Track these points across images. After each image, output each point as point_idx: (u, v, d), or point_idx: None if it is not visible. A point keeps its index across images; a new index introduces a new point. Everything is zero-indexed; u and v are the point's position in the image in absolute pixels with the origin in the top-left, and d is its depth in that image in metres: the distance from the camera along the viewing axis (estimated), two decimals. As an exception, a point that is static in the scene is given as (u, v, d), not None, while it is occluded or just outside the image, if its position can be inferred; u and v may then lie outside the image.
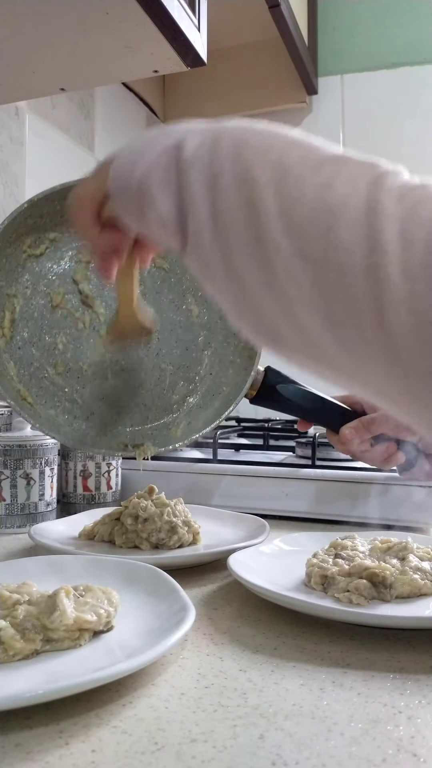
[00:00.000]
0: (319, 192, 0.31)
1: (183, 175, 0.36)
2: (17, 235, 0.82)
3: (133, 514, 0.68)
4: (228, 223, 0.34)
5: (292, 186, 0.32)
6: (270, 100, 1.58)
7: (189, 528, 0.68)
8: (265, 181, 0.33)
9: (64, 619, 0.41)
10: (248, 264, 0.33)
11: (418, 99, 1.54)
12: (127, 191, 0.40)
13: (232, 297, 0.35)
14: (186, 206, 0.36)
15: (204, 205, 0.35)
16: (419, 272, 0.27)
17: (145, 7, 0.72)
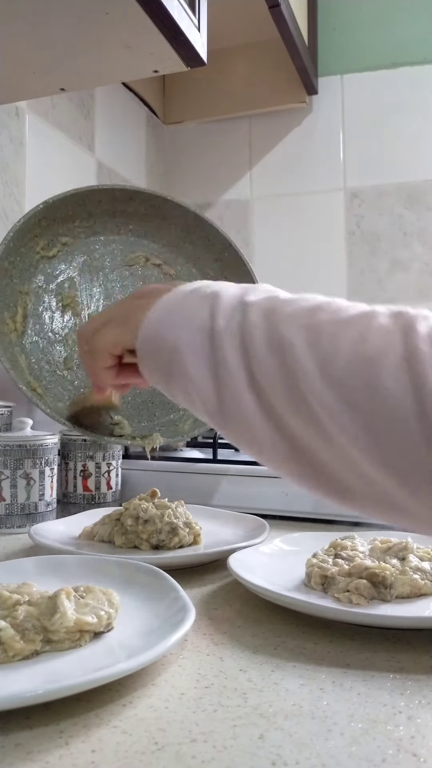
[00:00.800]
0: (354, 346, 0.32)
1: (217, 343, 0.37)
2: (32, 235, 0.83)
3: (133, 515, 0.68)
4: (267, 384, 0.35)
5: (326, 344, 0.33)
6: (270, 100, 1.58)
7: (190, 530, 0.68)
8: (299, 342, 0.34)
9: (64, 621, 0.41)
10: (296, 421, 0.34)
11: (418, 99, 1.54)
12: (157, 353, 0.41)
13: (285, 454, 0.36)
14: (220, 373, 0.37)
15: (240, 372, 0.36)
16: None
17: (145, 7, 0.72)
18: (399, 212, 1.53)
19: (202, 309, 0.39)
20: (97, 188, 0.88)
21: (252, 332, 0.36)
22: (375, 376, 0.31)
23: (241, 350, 0.36)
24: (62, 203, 0.84)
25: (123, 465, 0.92)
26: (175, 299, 0.42)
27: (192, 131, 1.68)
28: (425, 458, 0.30)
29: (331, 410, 0.32)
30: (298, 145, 1.62)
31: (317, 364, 0.33)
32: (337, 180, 1.58)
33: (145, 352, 0.43)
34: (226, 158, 1.65)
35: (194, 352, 0.39)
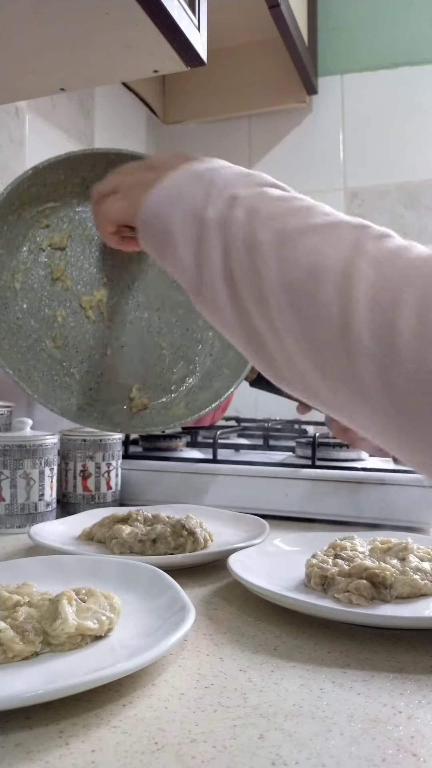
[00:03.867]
0: (310, 255, 0.36)
1: (204, 234, 0.42)
2: (20, 203, 0.80)
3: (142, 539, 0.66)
4: (238, 279, 0.39)
5: (289, 249, 0.37)
6: (270, 100, 1.58)
7: (199, 533, 0.67)
8: (267, 244, 0.38)
9: (66, 627, 0.41)
10: (255, 314, 0.39)
11: (418, 99, 1.54)
12: (153, 229, 0.46)
13: (243, 338, 0.41)
14: (203, 260, 0.42)
15: (218, 263, 0.41)
16: (382, 331, 0.32)
17: (145, 7, 0.72)
18: (399, 212, 1.53)
19: (196, 195, 0.43)
20: (92, 152, 0.84)
21: (233, 228, 0.40)
22: (317, 285, 0.35)
23: (223, 244, 0.41)
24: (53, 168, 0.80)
25: (123, 465, 0.92)
26: (177, 182, 0.45)
27: (192, 131, 1.68)
28: (345, 365, 0.33)
29: (281, 308, 0.37)
30: (298, 145, 1.62)
31: (278, 267, 0.37)
32: (337, 180, 1.58)
33: (143, 228, 0.47)
34: (226, 158, 1.63)
35: (183, 236, 0.43)
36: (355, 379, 0.33)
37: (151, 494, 0.92)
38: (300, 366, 0.37)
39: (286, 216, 0.39)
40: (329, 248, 0.36)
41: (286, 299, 0.36)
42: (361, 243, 0.35)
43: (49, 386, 0.82)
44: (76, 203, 0.87)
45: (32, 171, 0.79)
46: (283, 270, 0.37)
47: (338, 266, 0.35)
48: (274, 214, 0.40)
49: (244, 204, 0.41)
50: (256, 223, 0.40)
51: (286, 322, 0.36)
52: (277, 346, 0.38)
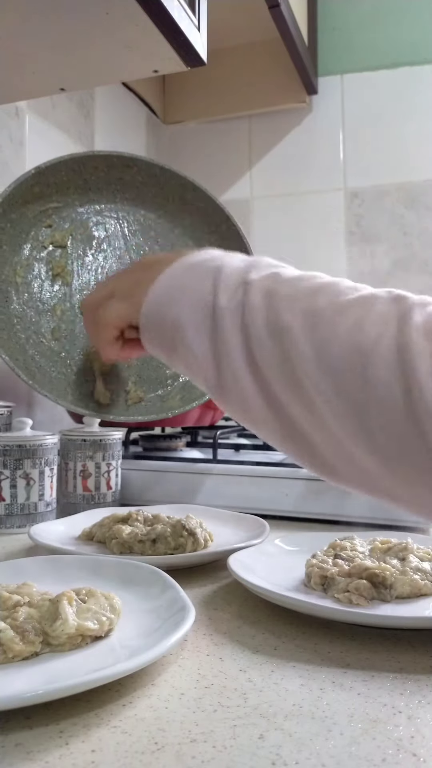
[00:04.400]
0: (350, 333, 0.33)
1: (219, 322, 0.38)
2: (23, 201, 0.81)
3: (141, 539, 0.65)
4: (265, 366, 0.36)
5: (324, 330, 0.34)
6: (270, 100, 1.58)
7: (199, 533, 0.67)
8: (297, 326, 0.35)
9: (66, 628, 0.41)
10: (292, 404, 0.35)
11: (418, 99, 1.54)
12: (160, 328, 0.42)
13: (280, 433, 0.37)
14: (221, 352, 0.38)
15: (239, 352, 0.37)
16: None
17: (145, 7, 0.72)
18: (399, 212, 1.53)
19: (204, 285, 0.40)
20: (94, 154, 0.85)
21: (252, 313, 0.37)
22: (367, 365, 0.32)
23: (242, 330, 0.37)
24: (56, 169, 0.81)
25: (123, 465, 0.92)
26: (178, 273, 0.42)
27: (192, 131, 1.68)
28: (411, 446, 0.30)
29: (326, 397, 0.33)
30: (298, 144, 1.62)
31: (314, 350, 0.34)
32: (337, 180, 1.58)
33: (149, 327, 0.44)
34: (226, 158, 1.65)
35: (196, 328, 0.39)
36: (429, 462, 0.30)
37: (151, 494, 0.92)
38: (358, 455, 0.33)
39: (310, 295, 0.36)
40: (369, 325, 0.33)
41: (330, 384, 0.33)
42: (405, 315, 0.33)
43: (46, 377, 0.83)
44: (78, 204, 0.88)
45: (35, 171, 0.79)
46: (322, 353, 0.34)
47: (387, 342, 0.32)
48: (296, 294, 0.37)
49: (260, 287, 0.38)
50: (277, 306, 0.36)
51: (333, 407, 0.33)
52: (323, 435, 0.34)
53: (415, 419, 0.30)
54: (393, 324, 0.32)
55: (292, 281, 0.38)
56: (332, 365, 0.33)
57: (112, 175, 0.89)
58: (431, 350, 0.31)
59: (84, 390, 0.86)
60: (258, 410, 0.37)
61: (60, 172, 0.83)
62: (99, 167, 0.85)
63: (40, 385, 0.78)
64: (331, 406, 0.33)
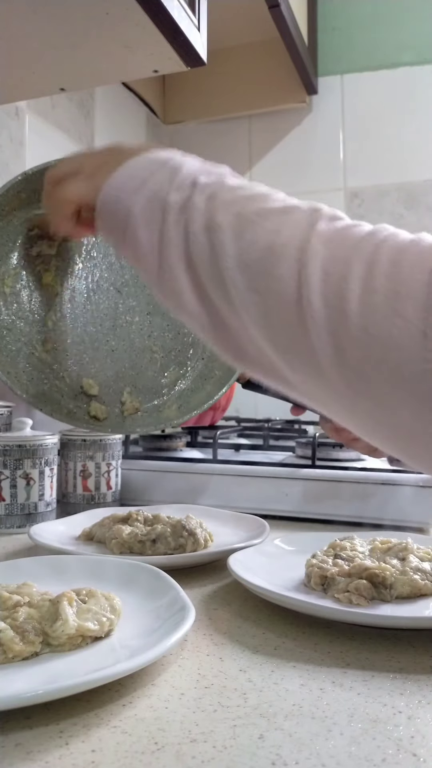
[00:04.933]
0: (268, 237, 0.38)
1: (166, 218, 0.42)
2: (9, 208, 0.79)
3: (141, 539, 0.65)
4: (198, 261, 0.40)
5: (248, 232, 0.39)
6: (270, 100, 1.58)
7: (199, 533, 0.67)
8: (227, 227, 0.39)
9: (66, 629, 0.41)
10: (214, 295, 0.40)
11: (418, 99, 1.54)
12: (114, 215, 0.45)
13: (204, 320, 0.42)
14: (164, 244, 0.42)
15: (180, 246, 0.41)
16: (332, 300, 0.34)
17: (145, 7, 0.72)
18: (399, 212, 1.53)
19: (161, 181, 0.44)
20: None
21: (194, 212, 0.41)
22: (274, 263, 0.36)
23: (183, 228, 0.41)
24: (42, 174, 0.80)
25: (123, 465, 0.92)
26: (141, 165, 0.46)
27: (192, 131, 1.68)
28: (297, 335, 0.35)
29: (239, 289, 0.38)
30: (298, 144, 1.62)
31: (237, 249, 0.38)
32: (337, 180, 1.58)
33: (104, 211, 0.46)
34: (226, 158, 1.64)
35: (146, 221, 0.43)
36: (310, 350, 0.35)
37: (151, 494, 0.92)
38: (260, 344, 0.38)
39: (245, 201, 0.41)
40: (285, 229, 0.38)
41: (244, 279, 0.38)
42: (314, 224, 0.37)
43: (39, 389, 0.83)
44: None
45: (22, 177, 0.78)
46: (242, 251, 0.38)
47: (294, 244, 0.36)
48: (233, 199, 0.41)
49: (205, 190, 0.42)
50: (215, 208, 0.41)
51: (245, 300, 0.38)
52: (238, 326, 0.39)
53: (301, 311, 0.35)
54: (301, 229, 0.37)
55: (234, 189, 0.42)
56: (248, 263, 0.38)
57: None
58: (325, 254, 0.35)
59: (79, 402, 0.85)
60: (189, 302, 0.41)
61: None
62: None
63: (35, 400, 0.77)
64: (242, 299, 0.38)
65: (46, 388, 0.83)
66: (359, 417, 0.35)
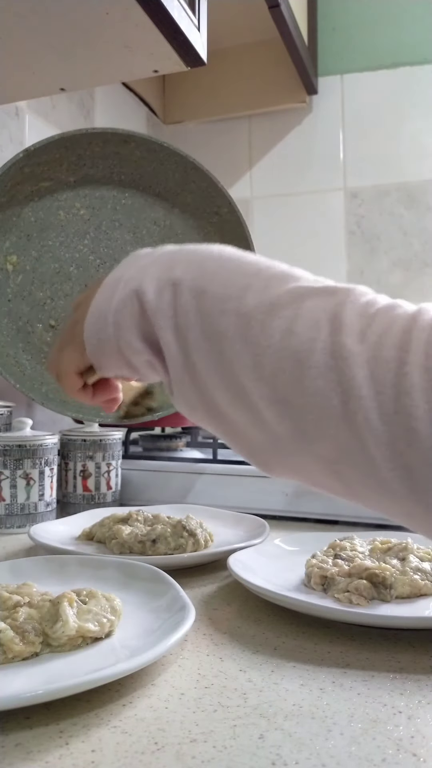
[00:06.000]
0: (282, 338, 0.32)
1: (155, 327, 0.37)
2: (12, 183, 0.78)
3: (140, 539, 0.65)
4: (207, 377, 0.35)
5: (258, 335, 0.33)
6: (270, 100, 1.58)
7: (199, 534, 0.67)
8: (232, 333, 0.34)
9: (66, 630, 0.41)
10: (234, 410, 0.35)
11: (418, 99, 1.54)
12: (107, 352, 0.41)
13: (222, 434, 0.37)
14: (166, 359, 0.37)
15: (180, 361, 0.36)
16: (395, 418, 0.29)
17: (144, 7, 0.72)
18: (399, 212, 1.53)
19: (126, 289, 0.39)
20: (86, 131, 0.81)
21: (185, 316, 0.36)
22: (303, 373, 0.31)
23: (176, 333, 0.36)
24: (45, 149, 0.77)
25: (123, 465, 0.92)
26: (103, 297, 0.41)
27: (192, 131, 1.68)
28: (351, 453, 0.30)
29: (267, 403, 0.33)
30: (298, 144, 1.62)
31: (250, 356, 0.33)
32: (337, 180, 1.58)
33: (96, 354, 0.42)
34: (226, 158, 1.65)
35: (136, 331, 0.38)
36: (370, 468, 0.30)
37: (151, 494, 0.92)
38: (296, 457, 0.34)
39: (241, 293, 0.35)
40: (304, 328, 0.32)
41: (269, 391, 0.32)
42: (337, 315, 0.32)
43: (37, 369, 0.81)
44: (73, 181, 0.85)
45: (24, 154, 0.77)
46: (258, 360, 0.33)
47: (322, 347, 0.31)
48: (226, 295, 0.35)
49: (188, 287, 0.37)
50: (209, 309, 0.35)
51: (274, 412, 0.33)
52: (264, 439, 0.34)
53: (354, 428, 0.30)
54: (325, 327, 0.31)
55: (218, 274, 0.36)
56: (270, 374, 0.32)
57: (108, 150, 0.84)
58: (366, 356, 0.30)
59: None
60: (202, 413, 0.37)
61: (52, 151, 0.79)
62: (94, 143, 0.82)
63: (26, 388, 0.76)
64: (272, 412, 0.33)
65: (44, 368, 0.82)
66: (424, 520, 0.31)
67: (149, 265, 0.39)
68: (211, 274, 0.37)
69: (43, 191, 0.83)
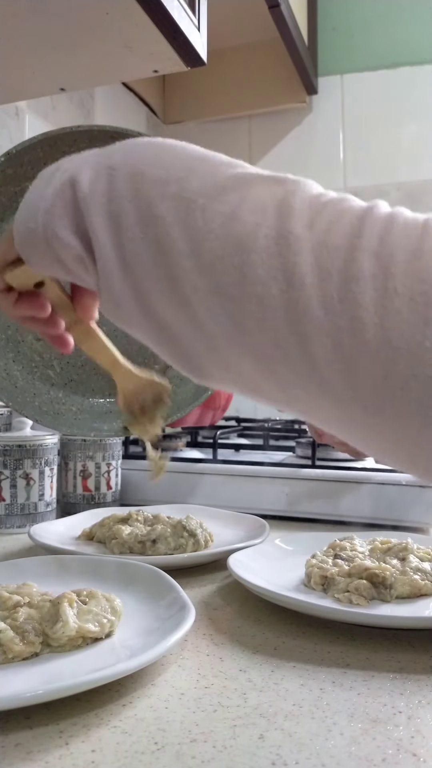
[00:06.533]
0: (225, 224, 0.30)
1: (85, 215, 0.34)
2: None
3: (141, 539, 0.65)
4: (138, 265, 0.32)
5: (199, 219, 0.31)
6: (270, 100, 1.58)
7: (199, 534, 0.66)
8: (170, 218, 0.31)
9: (66, 630, 0.41)
10: (165, 304, 0.32)
11: (418, 99, 1.54)
12: (35, 243, 0.37)
13: (152, 336, 0.34)
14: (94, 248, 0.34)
15: (110, 249, 0.33)
16: (340, 306, 0.27)
17: (145, 7, 0.72)
18: (399, 212, 1.53)
19: (62, 177, 0.36)
20: (72, 129, 0.78)
21: (119, 202, 0.33)
22: (245, 260, 0.29)
23: (108, 221, 0.33)
24: (28, 150, 0.75)
25: (123, 465, 0.92)
26: (37, 187, 0.37)
27: (192, 131, 1.68)
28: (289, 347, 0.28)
29: (202, 295, 0.30)
30: (298, 145, 1.62)
31: (188, 243, 0.30)
32: (337, 180, 1.58)
33: (24, 244, 0.38)
34: (226, 158, 1.65)
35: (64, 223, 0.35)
36: (308, 365, 0.28)
37: (151, 494, 0.92)
38: (230, 357, 0.31)
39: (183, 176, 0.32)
40: (248, 213, 0.30)
41: (207, 281, 0.30)
42: (285, 200, 0.29)
43: (29, 379, 0.82)
44: None
45: (5, 157, 0.76)
46: (197, 248, 0.30)
47: (266, 233, 0.29)
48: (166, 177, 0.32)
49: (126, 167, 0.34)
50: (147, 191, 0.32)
51: (209, 307, 0.30)
52: (195, 335, 0.32)
53: (295, 320, 0.28)
54: (272, 213, 0.29)
55: (161, 159, 0.34)
56: (208, 262, 0.30)
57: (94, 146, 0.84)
58: (313, 242, 0.28)
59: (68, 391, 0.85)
60: (131, 315, 0.34)
61: (35, 150, 0.79)
62: (78, 140, 0.81)
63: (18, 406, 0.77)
64: (208, 306, 0.30)
65: (36, 377, 0.82)
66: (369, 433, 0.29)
67: (89, 155, 0.36)
68: (152, 157, 0.34)
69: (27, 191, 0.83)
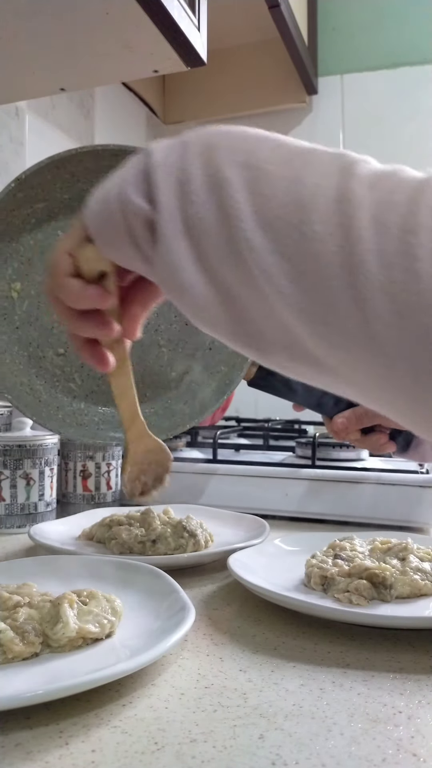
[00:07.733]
0: (290, 186, 0.31)
1: (151, 176, 0.34)
2: (8, 210, 0.79)
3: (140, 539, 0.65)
4: (200, 226, 0.32)
5: (264, 184, 0.31)
6: (270, 100, 1.58)
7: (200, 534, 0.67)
8: (237, 181, 0.32)
9: (67, 631, 0.41)
10: (225, 266, 0.32)
11: (418, 99, 1.54)
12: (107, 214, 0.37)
13: (208, 301, 0.34)
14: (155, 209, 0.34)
15: (173, 209, 0.33)
16: (395, 259, 0.27)
17: (145, 7, 0.72)
18: (399, 212, 1.53)
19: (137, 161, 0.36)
20: (76, 151, 0.80)
21: (189, 169, 0.33)
22: (305, 219, 0.29)
23: (176, 185, 0.33)
24: (36, 174, 0.77)
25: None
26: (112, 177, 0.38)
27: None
28: (341, 304, 0.28)
29: (259, 254, 0.31)
30: (298, 145, 1.62)
31: (252, 205, 0.31)
32: (337, 180, 1.58)
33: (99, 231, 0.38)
34: (226, 158, 1.65)
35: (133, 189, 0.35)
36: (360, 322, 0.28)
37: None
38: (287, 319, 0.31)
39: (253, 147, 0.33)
40: (312, 176, 0.31)
41: (267, 241, 0.30)
42: (349, 166, 0.30)
43: (52, 392, 0.83)
44: (68, 198, 0.86)
45: (15, 183, 0.78)
46: (260, 209, 0.31)
47: (327, 193, 0.29)
48: (235, 146, 0.34)
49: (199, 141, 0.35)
50: (217, 158, 0.33)
51: (268, 268, 0.30)
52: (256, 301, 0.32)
53: (349, 273, 0.28)
54: (334, 175, 0.30)
55: (233, 135, 0.35)
56: (269, 221, 0.30)
57: (100, 164, 0.84)
58: (373, 200, 0.28)
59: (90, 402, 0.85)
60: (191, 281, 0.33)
61: (43, 174, 0.80)
62: (85, 159, 0.83)
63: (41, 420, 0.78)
64: (263, 266, 0.30)
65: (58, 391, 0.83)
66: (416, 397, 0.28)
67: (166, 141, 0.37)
68: (224, 134, 0.35)
69: (39, 212, 0.84)
